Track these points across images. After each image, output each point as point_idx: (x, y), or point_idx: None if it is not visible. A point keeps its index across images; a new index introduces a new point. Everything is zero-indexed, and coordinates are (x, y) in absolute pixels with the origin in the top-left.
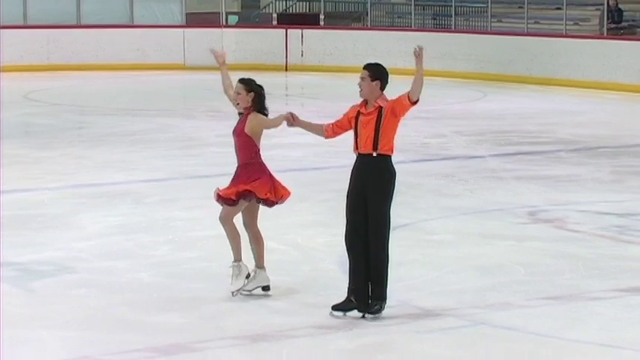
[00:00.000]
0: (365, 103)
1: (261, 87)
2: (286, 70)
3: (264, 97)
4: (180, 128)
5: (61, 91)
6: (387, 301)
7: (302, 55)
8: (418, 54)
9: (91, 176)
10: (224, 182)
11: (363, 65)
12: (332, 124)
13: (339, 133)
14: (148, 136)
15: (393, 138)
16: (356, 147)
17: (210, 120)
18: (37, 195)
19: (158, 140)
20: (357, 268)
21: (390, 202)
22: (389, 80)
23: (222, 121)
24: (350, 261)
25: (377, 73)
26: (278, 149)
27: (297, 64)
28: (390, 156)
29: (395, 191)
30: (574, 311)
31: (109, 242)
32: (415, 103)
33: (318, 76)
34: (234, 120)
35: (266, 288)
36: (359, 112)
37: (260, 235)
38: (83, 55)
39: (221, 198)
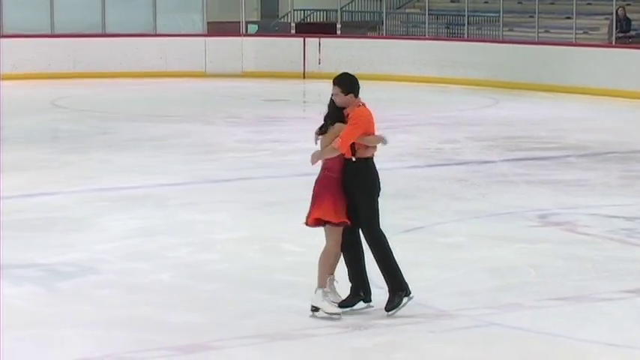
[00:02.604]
0: None
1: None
2: (304, 77)
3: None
4: (200, 134)
5: (86, 98)
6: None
7: (319, 63)
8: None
9: (113, 180)
10: (243, 186)
11: (379, 74)
12: None
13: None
14: (169, 142)
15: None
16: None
17: (229, 126)
18: (62, 198)
19: (179, 145)
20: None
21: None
22: (359, 84)
23: (241, 127)
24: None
25: (348, 87)
26: (296, 154)
27: (314, 72)
28: (367, 158)
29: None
30: (583, 312)
31: (132, 244)
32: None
33: None
34: (253, 126)
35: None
36: None
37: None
38: (108, 63)
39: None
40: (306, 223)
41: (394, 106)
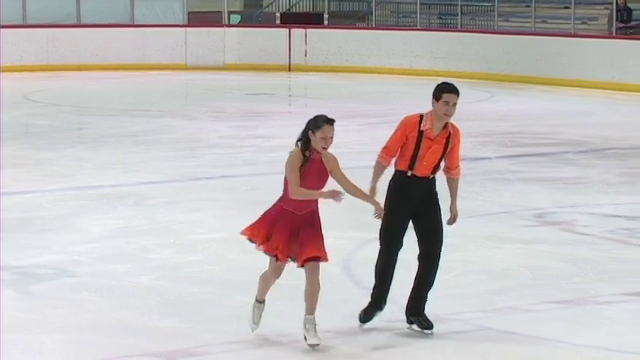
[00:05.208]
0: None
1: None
2: (289, 70)
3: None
4: (182, 129)
5: (61, 92)
6: (390, 305)
7: (305, 54)
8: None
9: (91, 178)
10: (227, 184)
11: (368, 66)
12: None
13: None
14: (150, 137)
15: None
16: None
17: (212, 121)
18: (37, 197)
19: (159, 141)
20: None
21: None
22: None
23: (224, 122)
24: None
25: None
26: (282, 151)
27: (300, 64)
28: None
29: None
30: (582, 315)
31: (110, 245)
32: None
33: (321, 77)
34: (236, 121)
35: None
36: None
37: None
38: (83, 54)
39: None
40: (302, 264)
41: (384, 99)
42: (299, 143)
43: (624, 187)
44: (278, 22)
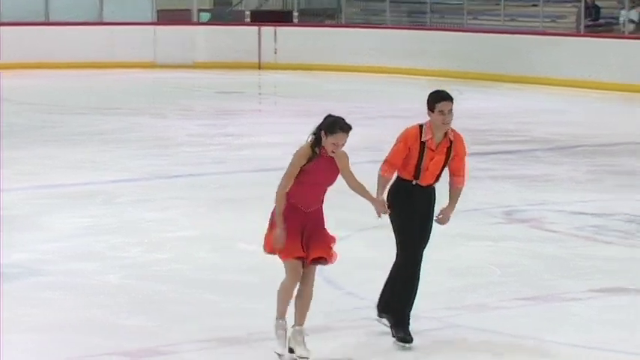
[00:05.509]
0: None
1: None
2: (259, 68)
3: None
4: (151, 127)
5: (29, 90)
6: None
7: (275, 52)
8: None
9: (60, 176)
10: (196, 182)
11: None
12: None
13: None
14: (119, 136)
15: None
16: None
17: (181, 119)
18: (6, 196)
19: (129, 140)
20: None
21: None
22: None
23: (193, 120)
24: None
25: None
26: (251, 149)
27: (270, 62)
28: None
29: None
30: (550, 312)
31: (79, 244)
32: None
33: (291, 75)
34: (206, 119)
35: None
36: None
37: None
38: (52, 52)
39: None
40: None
41: (353, 98)
42: (310, 138)
43: (592, 184)
44: (248, 20)
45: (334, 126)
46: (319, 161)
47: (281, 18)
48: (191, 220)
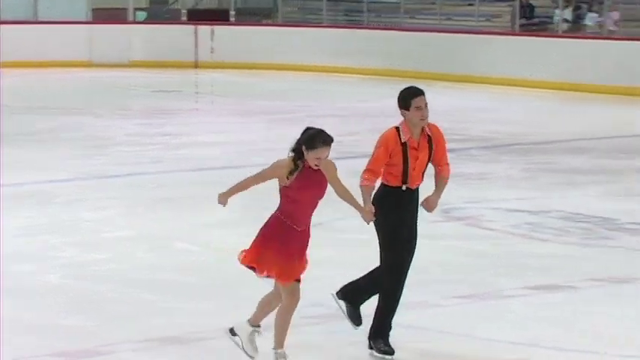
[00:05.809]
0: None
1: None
2: (196, 67)
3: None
4: (87, 127)
5: None
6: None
7: (212, 51)
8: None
9: None
10: (133, 182)
11: (275, 63)
12: None
13: None
14: (54, 135)
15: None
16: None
17: (118, 118)
18: None
19: (65, 139)
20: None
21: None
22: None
23: (130, 120)
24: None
25: None
26: (190, 148)
27: (207, 61)
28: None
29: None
30: (487, 309)
31: (16, 244)
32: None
33: (228, 74)
34: (143, 119)
35: None
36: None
37: None
38: None
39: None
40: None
41: (291, 97)
42: (291, 154)
43: (528, 182)
44: (184, 18)
45: (315, 140)
46: (308, 176)
47: (218, 17)
48: (128, 219)
